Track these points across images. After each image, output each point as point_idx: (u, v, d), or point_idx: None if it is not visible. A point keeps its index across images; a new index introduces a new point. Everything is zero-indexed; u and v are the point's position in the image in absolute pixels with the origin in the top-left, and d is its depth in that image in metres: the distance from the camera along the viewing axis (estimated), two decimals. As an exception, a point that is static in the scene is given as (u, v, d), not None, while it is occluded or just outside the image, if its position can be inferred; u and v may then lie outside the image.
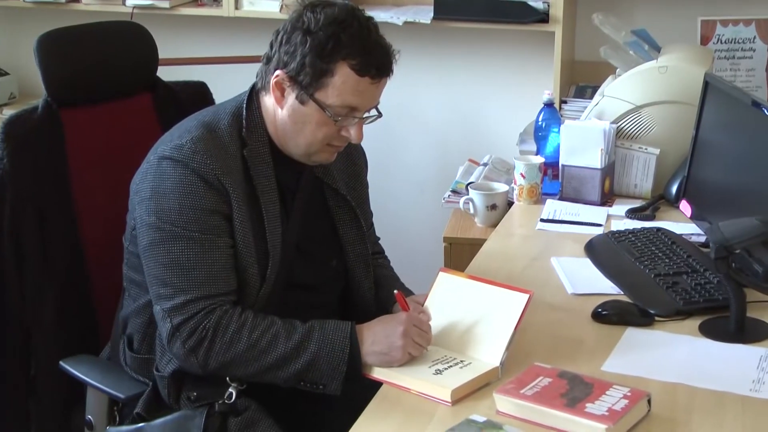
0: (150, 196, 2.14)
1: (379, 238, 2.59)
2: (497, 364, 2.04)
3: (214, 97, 2.71)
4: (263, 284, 2.19)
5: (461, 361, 2.07)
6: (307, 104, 2.15)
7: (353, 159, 2.43)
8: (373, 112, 2.23)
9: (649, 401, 1.89)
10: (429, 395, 1.98)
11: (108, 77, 2.56)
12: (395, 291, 2.22)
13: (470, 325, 2.14)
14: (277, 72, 2.15)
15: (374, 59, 2.13)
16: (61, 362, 2.37)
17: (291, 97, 2.16)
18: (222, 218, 2.14)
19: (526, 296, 2.10)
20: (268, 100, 2.21)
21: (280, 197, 2.24)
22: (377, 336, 2.09)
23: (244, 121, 2.21)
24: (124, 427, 2.26)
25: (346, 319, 2.16)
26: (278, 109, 2.19)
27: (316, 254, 2.33)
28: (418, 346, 2.08)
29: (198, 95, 2.68)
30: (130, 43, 2.63)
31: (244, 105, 2.23)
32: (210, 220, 2.12)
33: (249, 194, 2.18)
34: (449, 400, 1.95)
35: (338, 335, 2.09)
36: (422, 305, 2.22)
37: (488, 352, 2.07)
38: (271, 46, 2.18)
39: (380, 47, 2.16)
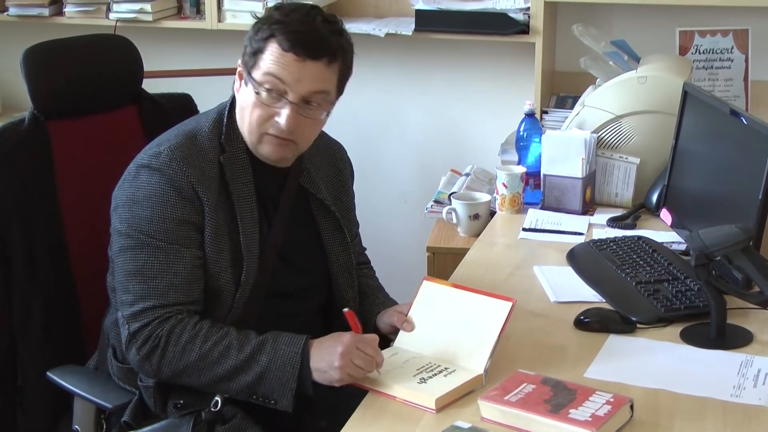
0: (124, 203, 2.18)
1: (365, 249, 2.61)
2: (481, 371, 2.06)
3: (199, 108, 2.72)
4: (238, 290, 2.21)
5: (445, 369, 2.08)
6: (248, 85, 2.19)
7: (339, 169, 2.45)
8: (320, 104, 2.20)
9: (631, 407, 1.91)
10: (414, 403, 1.99)
11: (94, 90, 2.57)
12: (345, 310, 2.19)
13: (454, 332, 2.15)
14: (238, 62, 2.23)
15: (302, 38, 2.15)
16: (48, 373, 2.38)
17: (243, 83, 2.22)
18: (192, 229, 2.16)
19: (509, 304, 2.12)
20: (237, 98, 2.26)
21: (261, 204, 2.26)
22: (322, 353, 2.08)
23: (224, 128, 2.24)
24: (112, 436, 2.27)
25: (330, 329, 2.16)
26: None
27: (298, 262, 2.35)
28: (359, 368, 2.05)
29: (183, 107, 2.70)
30: (116, 56, 2.64)
31: (226, 112, 2.26)
32: (179, 231, 2.15)
33: (226, 200, 2.20)
34: (434, 408, 1.96)
35: (290, 350, 2.09)
36: (406, 314, 2.24)
37: (472, 360, 2.09)
38: None
39: (316, 32, 2.17)
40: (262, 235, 2.25)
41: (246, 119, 2.20)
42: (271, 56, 2.15)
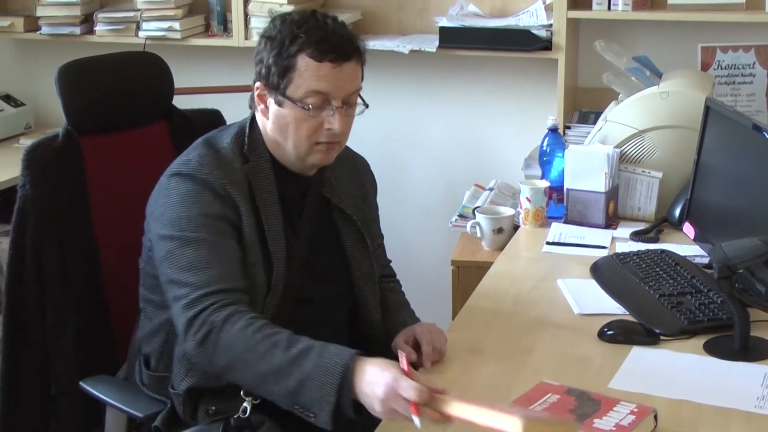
0: (162, 212, 2.21)
1: (390, 261, 2.64)
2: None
3: (227, 124, 2.76)
4: (269, 293, 2.23)
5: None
6: (284, 105, 2.22)
7: (361, 181, 2.49)
8: (356, 101, 2.25)
9: (655, 417, 1.92)
10: (496, 428, 1.73)
11: (126, 106, 2.61)
12: (402, 353, 1.96)
13: None
14: (256, 84, 2.25)
15: (330, 45, 2.18)
16: (80, 382, 2.42)
17: (271, 104, 2.24)
18: (229, 224, 2.19)
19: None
20: (261, 117, 2.29)
21: (286, 214, 2.29)
22: (370, 377, 1.91)
23: (246, 139, 2.29)
24: (142, 445, 2.30)
25: (354, 337, 2.16)
26: (266, 121, 2.26)
27: (321, 270, 2.37)
28: (399, 412, 1.87)
29: (212, 123, 2.72)
30: (147, 73, 2.69)
31: (247, 125, 2.31)
32: (218, 225, 2.18)
33: (252, 207, 2.24)
34: None
35: (335, 361, 1.95)
36: (408, 340, 2.24)
37: None
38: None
39: (336, 35, 2.21)
40: (288, 241, 2.28)
41: (292, 135, 2.23)
42: (308, 71, 2.18)
